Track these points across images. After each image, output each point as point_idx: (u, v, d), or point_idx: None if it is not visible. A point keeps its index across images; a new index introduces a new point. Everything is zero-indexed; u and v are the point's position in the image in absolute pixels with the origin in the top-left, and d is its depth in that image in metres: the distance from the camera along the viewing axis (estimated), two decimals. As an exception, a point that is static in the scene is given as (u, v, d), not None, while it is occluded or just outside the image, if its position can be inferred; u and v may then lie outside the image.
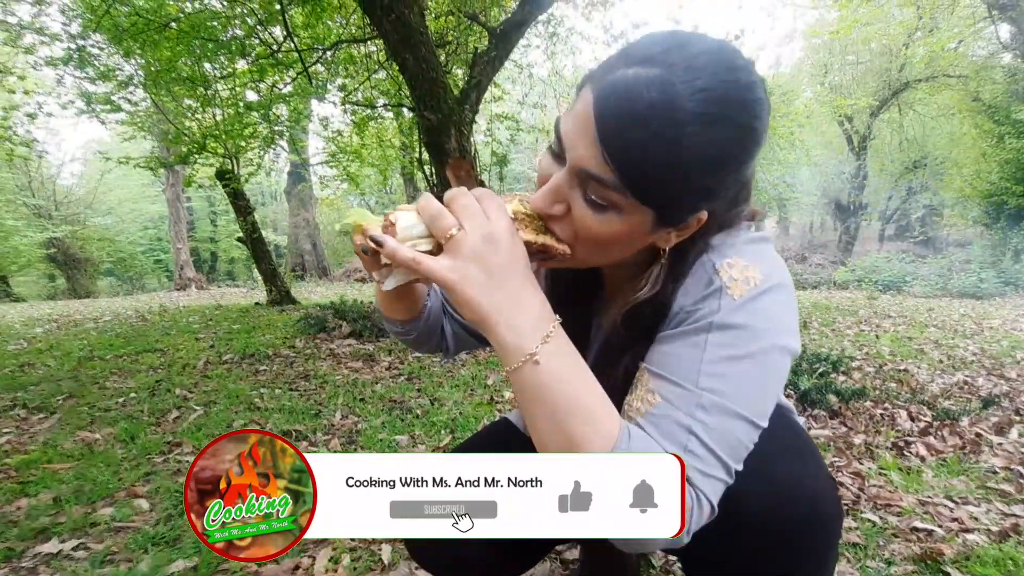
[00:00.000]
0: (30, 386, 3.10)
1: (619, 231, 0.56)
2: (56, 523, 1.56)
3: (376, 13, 3.27)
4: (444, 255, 0.53)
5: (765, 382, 0.57)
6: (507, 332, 0.53)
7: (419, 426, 2.29)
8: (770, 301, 0.58)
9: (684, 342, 0.58)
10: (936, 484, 1.83)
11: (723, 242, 0.62)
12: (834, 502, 0.64)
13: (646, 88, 0.49)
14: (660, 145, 0.49)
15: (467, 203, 0.54)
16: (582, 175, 0.54)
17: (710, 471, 0.53)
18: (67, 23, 4.66)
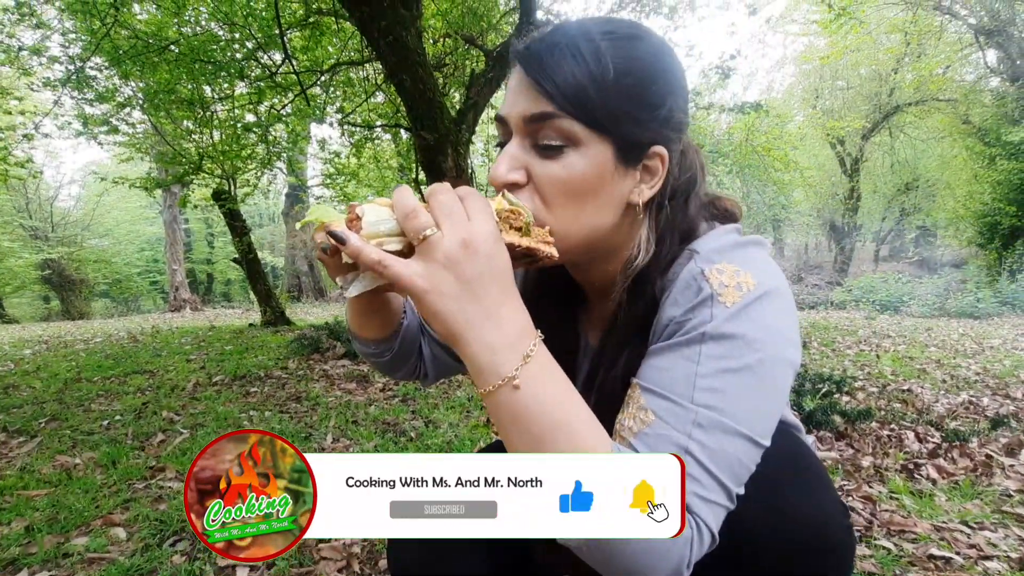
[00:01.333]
0: (12, 408, 3.01)
1: (584, 172, 0.55)
2: (27, 554, 1.48)
3: (373, 35, 3.29)
4: (415, 258, 0.47)
5: (765, 396, 0.52)
6: (481, 350, 0.47)
7: (413, 449, 2.22)
8: (766, 308, 0.53)
9: (676, 355, 0.53)
10: (950, 508, 1.76)
11: (710, 247, 0.59)
12: (846, 530, 0.59)
13: (561, 27, 0.57)
14: (581, 59, 0.53)
15: (447, 201, 0.47)
16: (527, 123, 0.55)
17: (709, 495, 0.48)
18: (67, 45, 4.69)
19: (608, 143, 0.55)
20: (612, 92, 0.53)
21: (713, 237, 0.61)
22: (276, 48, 4.86)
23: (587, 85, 0.53)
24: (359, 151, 6.26)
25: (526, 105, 0.55)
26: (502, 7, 5.98)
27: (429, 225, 0.46)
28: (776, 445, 0.53)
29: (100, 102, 4.92)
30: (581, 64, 0.53)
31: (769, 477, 0.54)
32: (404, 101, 3.74)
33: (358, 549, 1.47)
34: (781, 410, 0.55)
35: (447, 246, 0.46)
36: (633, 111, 0.55)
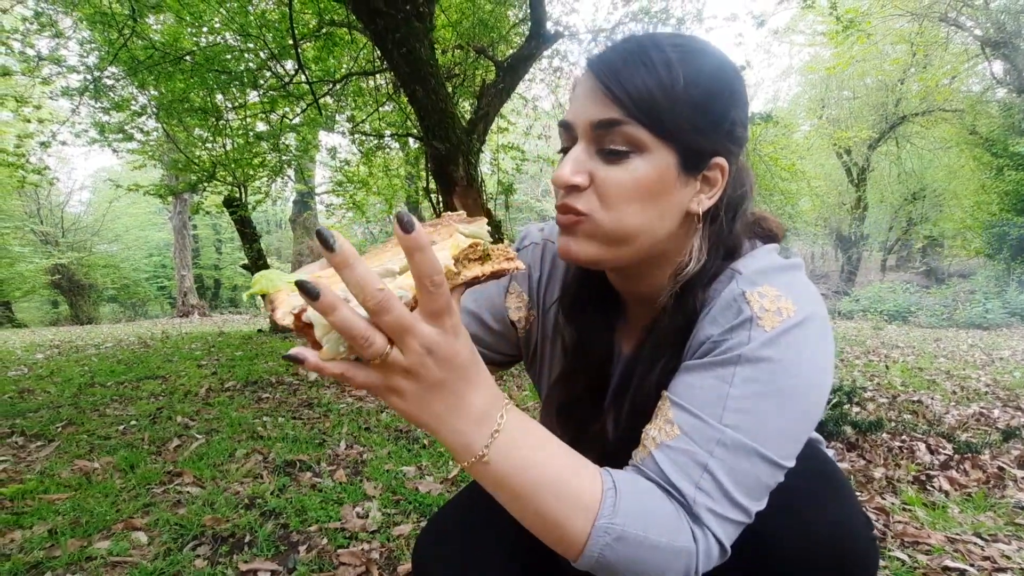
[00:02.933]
0: (29, 412, 3.05)
1: (648, 178, 0.57)
2: (51, 557, 1.51)
3: (387, 47, 3.34)
4: (374, 369, 0.43)
5: (794, 421, 0.53)
6: (451, 437, 0.47)
7: (426, 456, 2.23)
8: (804, 335, 0.54)
9: (710, 374, 0.54)
10: (964, 520, 1.76)
11: (752, 268, 0.60)
12: (870, 541, 0.60)
13: (633, 37, 0.59)
14: (654, 69, 0.55)
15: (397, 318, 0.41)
16: (595, 129, 0.57)
17: (722, 511, 0.50)
18: (84, 55, 4.77)
19: (672, 151, 0.57)
20: (680, 102, 0.55)
21: (756, 258, 0.62)
22: (289, 58, 4.93)
23: (657, 94, 0.55)
24: (369, 160, 6.32)
25: (595, 111, 0.57)
26: (512, 18, 6.05)
27: (383, 348, 0.41)
28: (800, 457, 0.55)
29: (116, 111, 5.00)
30: (652, 74, 0.55)
31: (793, 488, 0.55)
32: (416, 112, 3.79)
33: (377, 554, 1.49)
34: (808, 433, 0.56)
35: (406, 362, 0.43)
36: (698, 121, 0.57)
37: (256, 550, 1.51)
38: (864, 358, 5.28)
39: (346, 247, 0.39)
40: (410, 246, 0.39)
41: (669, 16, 6.54)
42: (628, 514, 0.49)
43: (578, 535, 0.49)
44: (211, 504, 1.80)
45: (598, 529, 0.48)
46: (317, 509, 1.74)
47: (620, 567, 0.49)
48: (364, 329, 0.40)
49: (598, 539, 0.48)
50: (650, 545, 0.49)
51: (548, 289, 0.80)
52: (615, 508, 0.49)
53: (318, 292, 0.38)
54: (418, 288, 0.41)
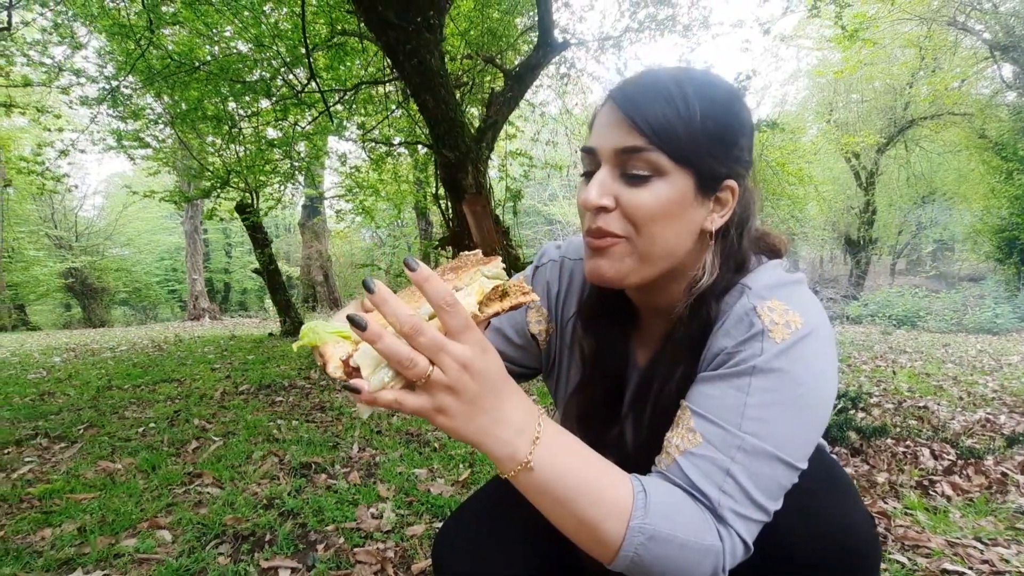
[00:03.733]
0: (51, 415, 3.14)
1: (669, 199, 0.62)
2: (81, 553, 1.57)
3: (399, 58, 3.42)
4: (421, 392, 0.49)
5: (806, 426, 0.58)
6: (497, 448, 0.52)
7: (437, 459, 2.29)
8: (811, 346, 0.60)
9: (727, 384, 0.59)
10: (964, 525, 1.79)
11: (761, 283, 0.65)
12: (874, 538, 0.65)
13: (651, 72, 0.66)
14: (673, 102, 0.61)
15: (429, 339, 0.47)
16: (620, 154, 0.63)
17: (745, 512, 0.55)
18: (103, 65, 4.90)
19: (690, 175, 0.62)
20: (697, 131, 0.61)
21: (763, 273, 0.67)
22: (302, 67, 5.03)
23: (676, 124, 0.61)
24: (379, 166, 6.41)
25: (619, 139, 0.62)
26: (520, 26, 6.13)
27: (426, 368, 0.47)
28: (811, 462, 0.60)
29: (133, 119, 5.12)
30: (672, 106, 0.61)
31: (803, 489, 0.60)
32: (426, 120, 3.87)
33: (392, 553, 1.55)
34: (819, 437, 0.62)
35: (448, 379, 0.48)
36: (713, 148, 0.63)
37: (276, 548, 1.58)
38: (871, 363, 5.28)
39: (383, 288, 0.46)
40: (418, 280, 0.47)
41: (676, 23, 6.60)
42: (658, 515, 0.54)
43: (614, 536, 0.53)
44: (231, 504, 1.87)
45: (632, 530, 0.53)
46: (333, 509, 1.80)
47: (654, 566, 0.54)
48: (408, 352, 0.46)
49: (632, 539, 0.53)
50: (680, 543, 0.53)
51: (566, 303, 0.85)
52: (647, 509, 0.54)
53: (365, 323, 0.45)
54: (437, 312, 0.48)
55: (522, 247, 6.46)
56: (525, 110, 7.35)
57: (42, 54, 4.82)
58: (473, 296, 0.53)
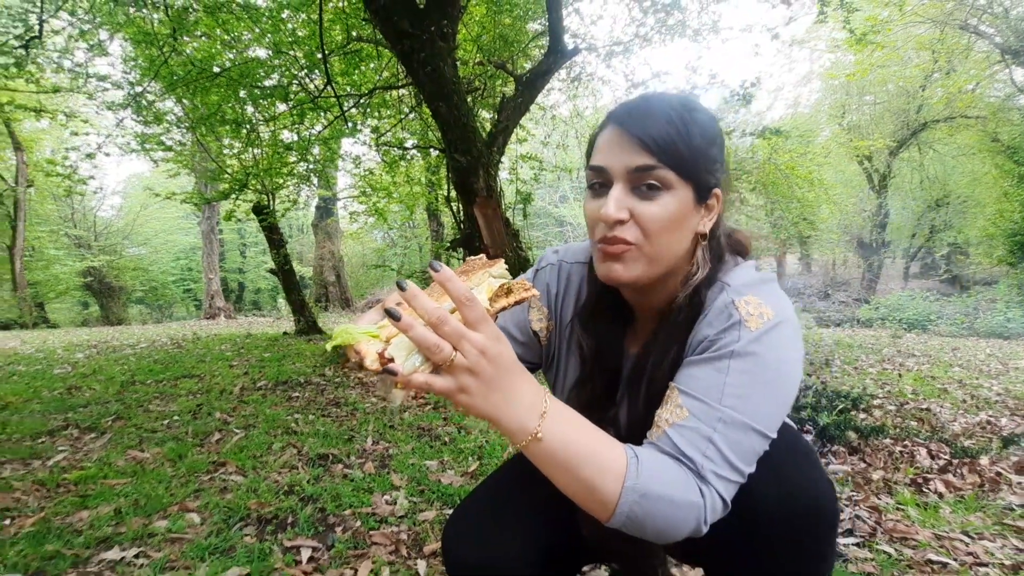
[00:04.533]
0: (79, 407, 3.29)
1: (675, 210, 0.73)
2: (117, 533, 1.70)
3: (413, 66, 3.54)
4: (445, 373, 0.58)
5: (776, 402, 0.69)
6: (510, 422, 0.61)
7: (447, 452, 2.40)
8: (781, 334, 0.70)
9: (710, 367, 0.69)
10: (953, 520, 1.86)
11: (739, 281, 0.76)
12: (832, 499, 0.74)
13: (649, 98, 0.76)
14: (674, 124, 0.71)
15: (452, 328, 0.57)
16: (632, 172, 0.72)
17: (724, 473, 0.65)
18: (127, 72, 5.08)
19: (690, 187, 0.73)
20: (695, 149, 0.72)
21: (741, 272, 0.78)
22: (318, 71, 5.18)
23: (679, 144, 0.71)
24: (393, 170, 6.55)
25: (631, 158, 0.72)
26: (531, 31, 6.23)
27: (450, 353, 0.56)
28: (779, 434, 0.70)
29: (156, 123, 5.30)
30: (673, 128, 0.71)
31: (774, 458, 0.70)
32: (439, 126, 3.98)
33: (405, 536, 1.65)
34: (787, 411, 0.72)
35: (467, 363, 0.57)
36: (706, 163, 0.74)
37: (298, 530, 1.69)
38: (878, 366, 5.31)
39: (413, 286, 0.57)
40: (442, 279, 0.57)
41: (686, 28, 6.66)
42: (650, 476, 0.63)
43: (611, 496, 0.63)
44: (254, 490, 1.98)
45: (627, 489, 0.62)
46: (350, 496, 1.91)
47: (645, 521, 0.63)
48: (435, 339, 0.56)
49: (627, 498, 0.62)
50: (668, 500, 0.63)
51: (564, 302, 0.96)
52: (639, 472, 0.63)
53: (399, 314, 0.55)
54: (457, 306, 0.58)
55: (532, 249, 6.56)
56: (535, 113, 7.45)
57: (71, 61, 5.02)
58: (483, 294, 0.63)
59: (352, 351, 0.57)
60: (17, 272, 13.86)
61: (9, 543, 1.61)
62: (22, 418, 3.02)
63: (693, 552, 0.93)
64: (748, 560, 0.74)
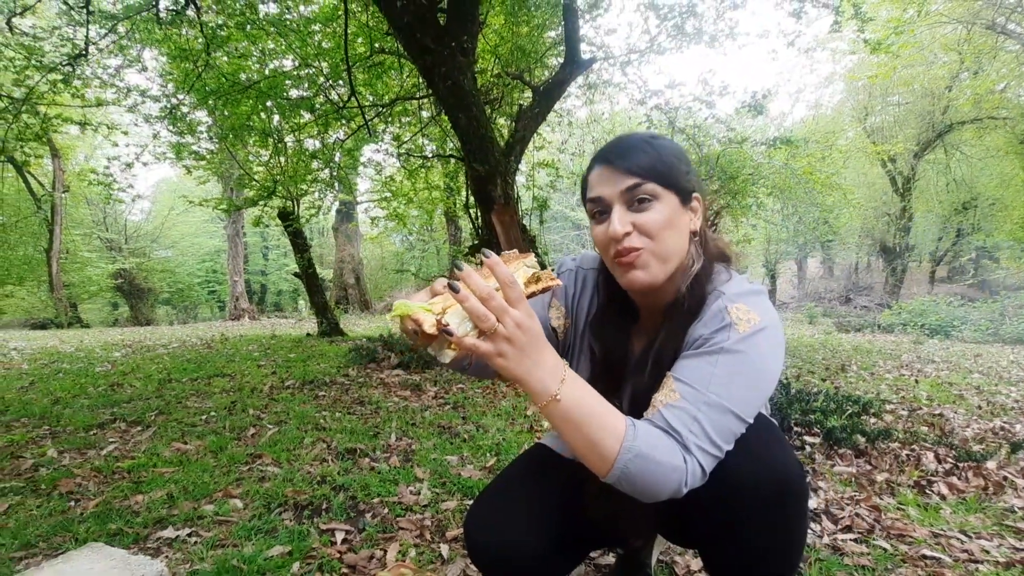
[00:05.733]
0: (123, 403, 3.51)
1: (668, 213, 0.88)
2: (170, 515, 1.87)
3: (434, 79, 3.70)
4: (488, 340, 0.72)
5: (755, 392, 0.82)
6: (536, 384, 0.74)
7: (467, 448, 2.54)
8: (764, 338, 0.84)
9: (702, 360, 0.83)
10: (952, 520, 1.94)
11: (732, 291, 0.89)
12: (800, 476, 0.87)
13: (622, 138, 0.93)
14: (648, 148, 0.89)
15: (498, 303, 0.71)
16: (624, 192, 0.88)
17: (705, 447, 0.78)
18: (164, 85, 5.35)
19: (673, 193, 0.89)
20: (667, 164, 0.89)
21: (733, 284, 0.92)
22: (342, 82, 5.38)
23: (654, 162, 0.88)
24: (413, 176, 6.74)
25: (620, 182, 0.88)
26: (548, 41, 6.36)
27: (494, 323, 0.71)
28: (755, 420, 0.83)
29: (190, 133, 5.57)
30: (646, 152, 0.89)
31: (749, 439, 0.83)
32: (459, 136, 4.14)
33: (429, 523, 1.80)
34: (764, 402, 0.87)
35: (507, 332, 0.72)
36: (679, 174, 0.90)
37: (332, 515, 1.84)
38: (895, 372, 5.31)
39: (467, 266, 0.73)
40: (491, 264, 0.74)
41: (702, 34, 6.73)
42: (643, 440, 0.77)
43: (610, 453, 0.76)
44: (290, 480, 2.15)
45: (624, 449, 0.76)
46: (377, 486, 2.06)
47: (637, 478, 0.76)
48: (484, 310, 0.70)
49: (624, 456, 0.76)
50: (656, 462, 0.76)
51: (579, 302, 1.12)
52: (635, 435, 0.77)
53: (459, 288, 0.71)
54: (502, 286, 0.74)
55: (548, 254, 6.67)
56: (552, 118, 7.58)
57: (110, 75, 5.31)
58: (521, 279, 0.79)
59: (409, 320, 0.72)
60: (54, 274, 14.44)
61: (77, 521, 1.79)
62: (74, 412, 3.25)
63: (684, 533, 1.06)
64: (726, 532, 0.87)
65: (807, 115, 18.84)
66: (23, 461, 2.39)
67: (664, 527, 1.13)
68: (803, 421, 2.87)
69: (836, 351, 7.11)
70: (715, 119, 6.64)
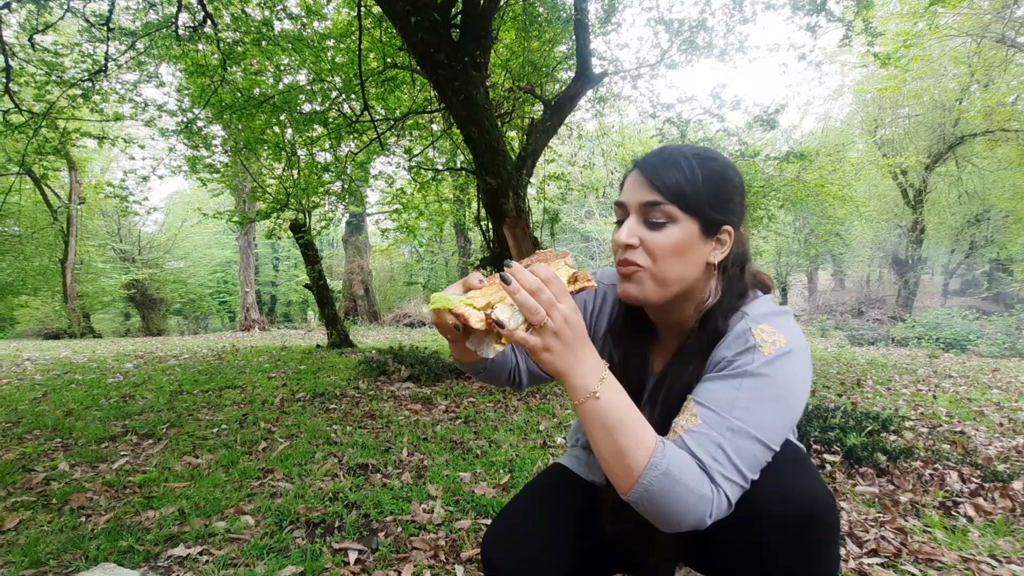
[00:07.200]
0: (135, 415, 3.51)
1: (679, 240, 0.84)
2: (182, 532, 1.85)
3: (447, 94, 3.72)
4: (536, 333, 0.71)
5: (782, 418, 0.78)
6: (577, 380, 0.73)
7: (480, 465, 2.50)
8: (791, 361, 0.80)
9: (725, 383, 0.79)
10: (981, 543, 1.88)
11: (757, 312, 0.87)
12: (831, 507, 0.82)
13: (665, 148, 0.90)
14: (682, 170, 0.84)
15: (547, 296, 0.71)
16: (642, 206, 0.86)
17: (730, 476, 0.74)
18: (180, 100, 5.44)
19: (695, 221, 0.85)
20: (699, 191, 0.84)
21: (759, 304, 0.89)
22: (355, 96, 5.44)
23: (684, 185, 0.84)
24: (424, 189, 6.77)
25: (642, 195, 0.86)
26: (559, 54, 6.40)
27: (544, 316, 0.70)
28: (782, 448, 0.79)
29: (205, 147, 5.64)
30: (681, 173, 0.84)
31: (776, 468, 0.79)
32: (471, 149, 4.15)
33: (443, 542, 1.76)
34: (792, 428, 0.82)
35: (555, 326, 0.71)
36: (711, 203, 0.85)
37: (344, 533, 1.82)
38: (912, 387, 5.21)
39: (516, 264, 0.73)
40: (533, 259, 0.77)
41: (712, 48, 6.75)
42: (672, 459, 0.73)
43: (637, 465, 0.72)
44: (301, 496, 2.13)
45: (652, 464, 0.72)
46: (390, 504, 2.03)
47: (660, 500, 0.72)
48: (534, 303, 0.70)
49: (650, 471, 0.72)
50: (684, 485, 0.72)
51: (598, 318, 1.10)
52: (664, 452, 0.73)
53: (511, 280, 0.71)
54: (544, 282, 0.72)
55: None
56: (562, 132, 7.61)
57: (128, 89, 5.40)
58: (564, 277, 0.79)
59: (450, 314, 0.72)
60: (68, 284, 14.61)
61: (88, 538, 1.78)
62: (86, 424, 3.26)
63: (706, 559, 1.03)
64: (752, 567, 0.83)
65: (816, 128, 18.80)
66: (35, 475, 2.38)
67: (687, 554, 1.09)
68: (822, 439, 2.81)
69: (850, 365, 7.00)
70: (725, 132, 6.62)
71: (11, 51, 4.43)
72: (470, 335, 0.75)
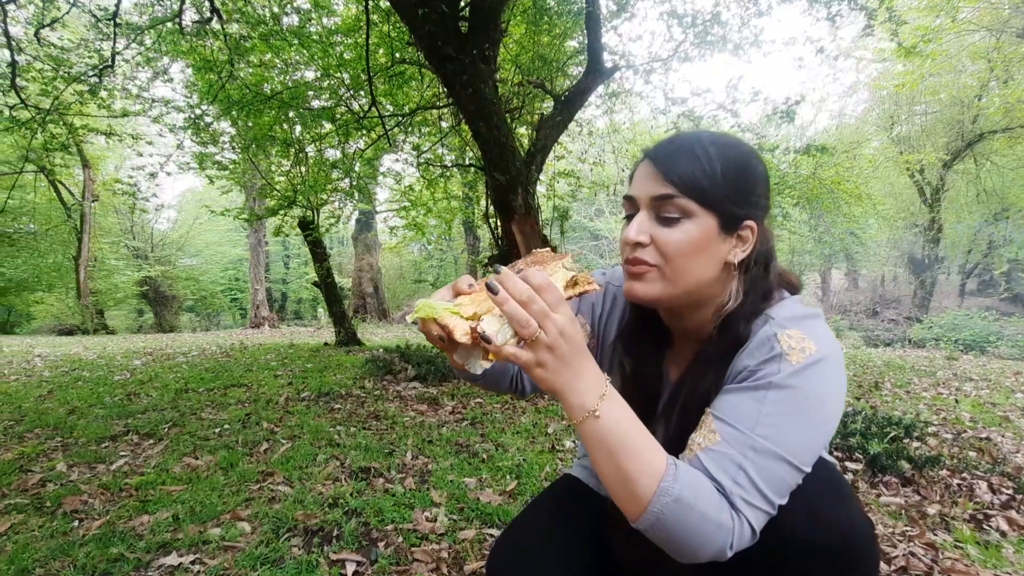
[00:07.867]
0: (138, 414, 3.47)
1: (695, 237, 0.75)
2: (175, 539, 1.79)
3: (455, 88, 3.64)
4: (528, 348, 0.63)
5: (811, 435, 0.68)
6: (574, 397, 0.65)
7: (486, 470, 2.42)
8: (822, 370, 0.70)
9: (747, 396, 0.70)
10: (1017, 561, 1.76)
11: (782, 315, 0.76)
12: (870, 540, 0.73)
13: (678, 136, 0.79)
14: (699, 160, 0.75)
15: (539, 307, 0.62)
16: (653, 201, 0.76)
17: (754, 501, 0.65)
18: (188, 96, 5.40)
19: (713, 216, 0.75)
20: (718, 182, 0.74)
21: (785, 307, 0.79)
22: (363, 92, 5.38)
23: (701, 177, 0.74)
24: (433, 186, 6.70)
25: (654, 188, 0.76)
26: (570, 48, 6.30)
27: (536, 329, 0.62)
28: (815, 469, 0.69)
29: (213, 143, 5.61)
30: (697, 163, 0.75)
31: (807, 492, 0.70)
32: (479, 145, 4.06)
33: (446, 554, 1.68)
34: (824, 446, 0.72)
35: (549, 340, 0.63)
36: (732, 195, 0.75)
37: (343, 543, 1.74)
38: (932, 390, 5.06)
39: (505, 269, 0.65)
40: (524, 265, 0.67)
41: (726, 42, 6.60)
42: (685, 484, 0.64)
43: (645, 491, 0.64)
44: (301, 501, 2.06)
45: (662, 490, 0.63)
46: (391, 511, 1.96)
47: (673, 529, 0.64)
48: (525, 315, 0.62)
49: (661, 498, 0.63)
50: (700, 513, 0.63)
51: (607, 322, 1.00)
52: (676, 476, 0.64)
53: (498, 289, 0.62)
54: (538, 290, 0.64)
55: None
56: (572, 129, 7.50)
57: (137, 86, 5.38)
58: (560, 282, 0.70)
59: (435, 325, 0.63)
60: (81, 281, 14.75)
61: (78, 544, 1.72)
62: (88, 422, 3.22)
63: None
64: None
65: (829, 124, 18.50)
66: (31, 475, 2.34)
67: None
68: (843, 446, 2.70)
69: (867, 367, 6.83)
70: (740, 128, 6.47)
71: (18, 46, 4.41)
72: (456, 347, 0.66)
